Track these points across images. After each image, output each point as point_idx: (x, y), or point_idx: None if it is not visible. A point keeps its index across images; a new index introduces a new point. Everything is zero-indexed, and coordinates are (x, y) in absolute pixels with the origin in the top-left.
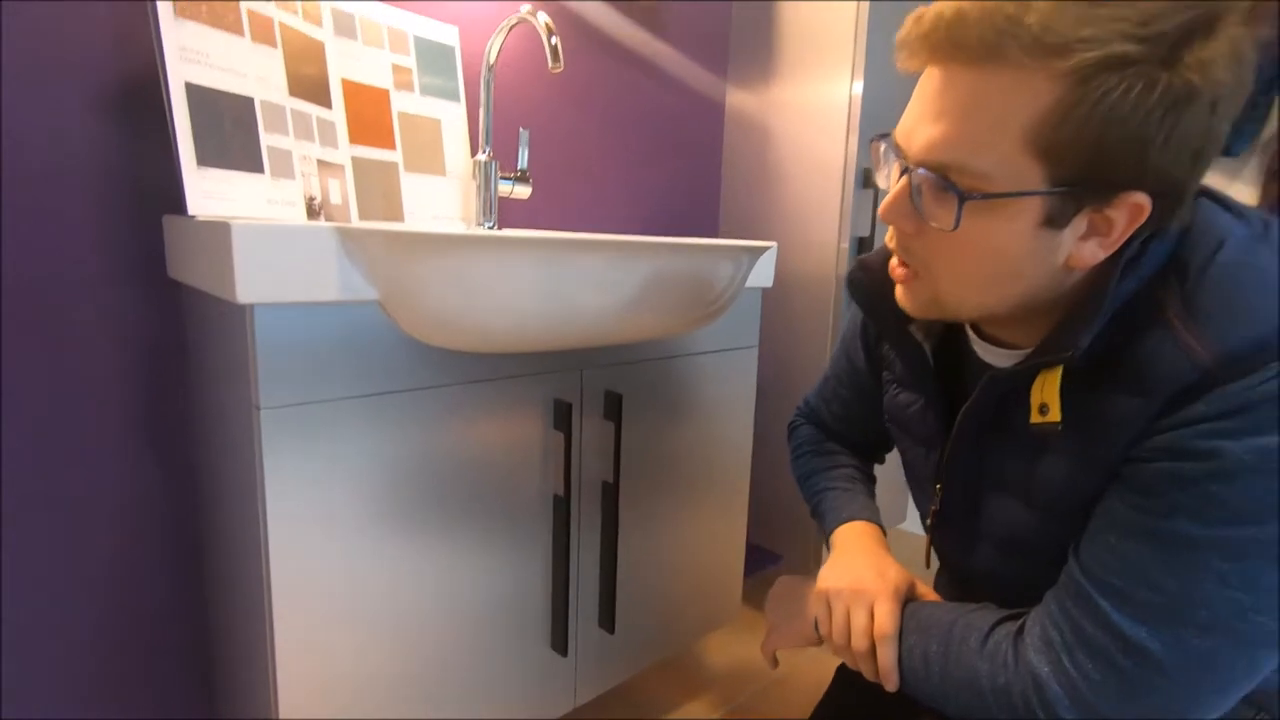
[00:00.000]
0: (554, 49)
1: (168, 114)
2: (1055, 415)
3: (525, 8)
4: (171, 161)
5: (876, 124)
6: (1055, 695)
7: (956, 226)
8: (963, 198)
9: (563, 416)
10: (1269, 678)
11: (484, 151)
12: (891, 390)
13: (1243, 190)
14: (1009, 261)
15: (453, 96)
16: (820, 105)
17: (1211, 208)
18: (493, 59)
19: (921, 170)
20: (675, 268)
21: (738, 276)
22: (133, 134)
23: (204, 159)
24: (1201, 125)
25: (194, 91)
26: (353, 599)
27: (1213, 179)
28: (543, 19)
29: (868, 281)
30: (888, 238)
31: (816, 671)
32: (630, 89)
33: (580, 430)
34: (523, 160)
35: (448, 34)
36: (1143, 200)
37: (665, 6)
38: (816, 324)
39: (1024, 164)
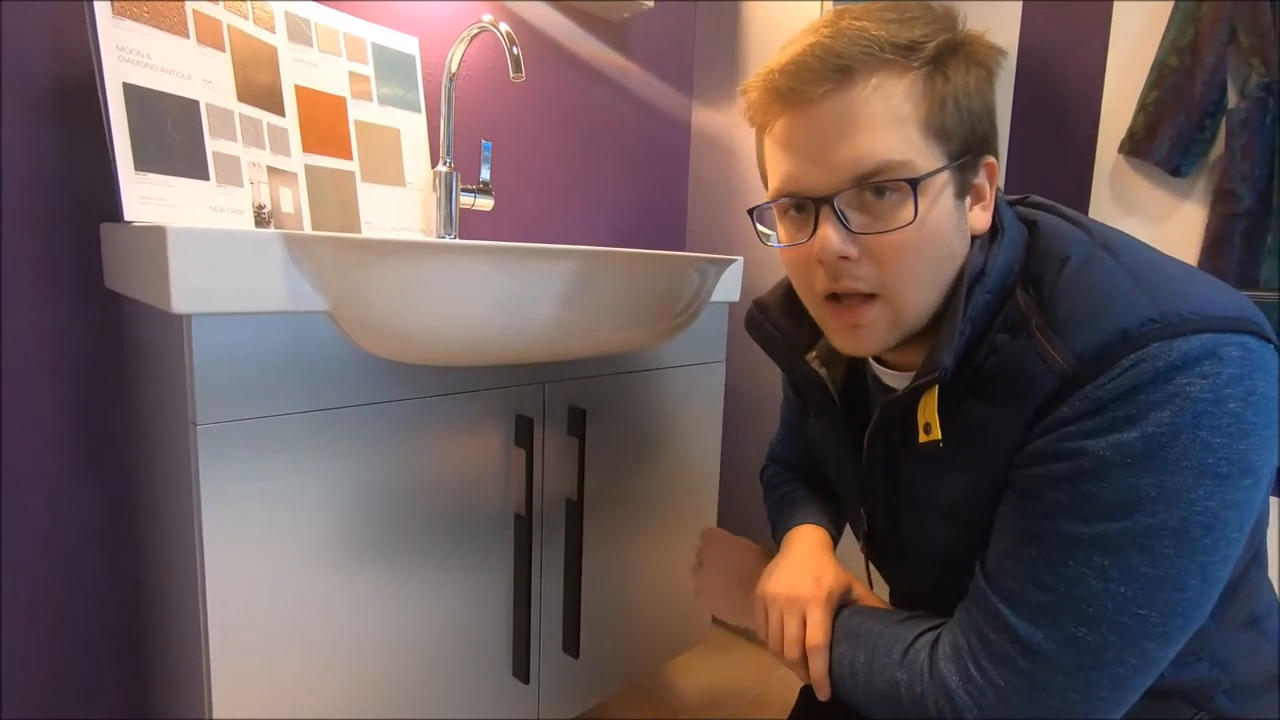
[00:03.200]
0: (515, 59)
1: (104, 116)
2: (936, 434)
3: (487, 17)
4: (110, 166)
5: None
6: (963, 703)
7: (917, 214)
8: (914, 183)
9: (524, 432)
10: (1208, 675)
11: (445, 163)
12: (809, 420)
13: (1192, 210)
14: (946, 239)
15: (413, 106)
16: None
17: (1055, 222)
18: (454, 69)
19: (853, 190)
20: (640, 279)
21: (704, 289)
22: (69, 138)
23: (143, 163)
24: (992, 95)
25: (132, 92)
26: (298, 627)
27: (1162, 199)
28: (504, 28)
29: (763, 320)
30: (817, 278)
31: (790, 697)
32: (596, 104)
33: (542, 446)
34: (485, 172)
35: (407, 43)
36: (994, 162)
37: (630, 23)
38: None
39: (928, 148)
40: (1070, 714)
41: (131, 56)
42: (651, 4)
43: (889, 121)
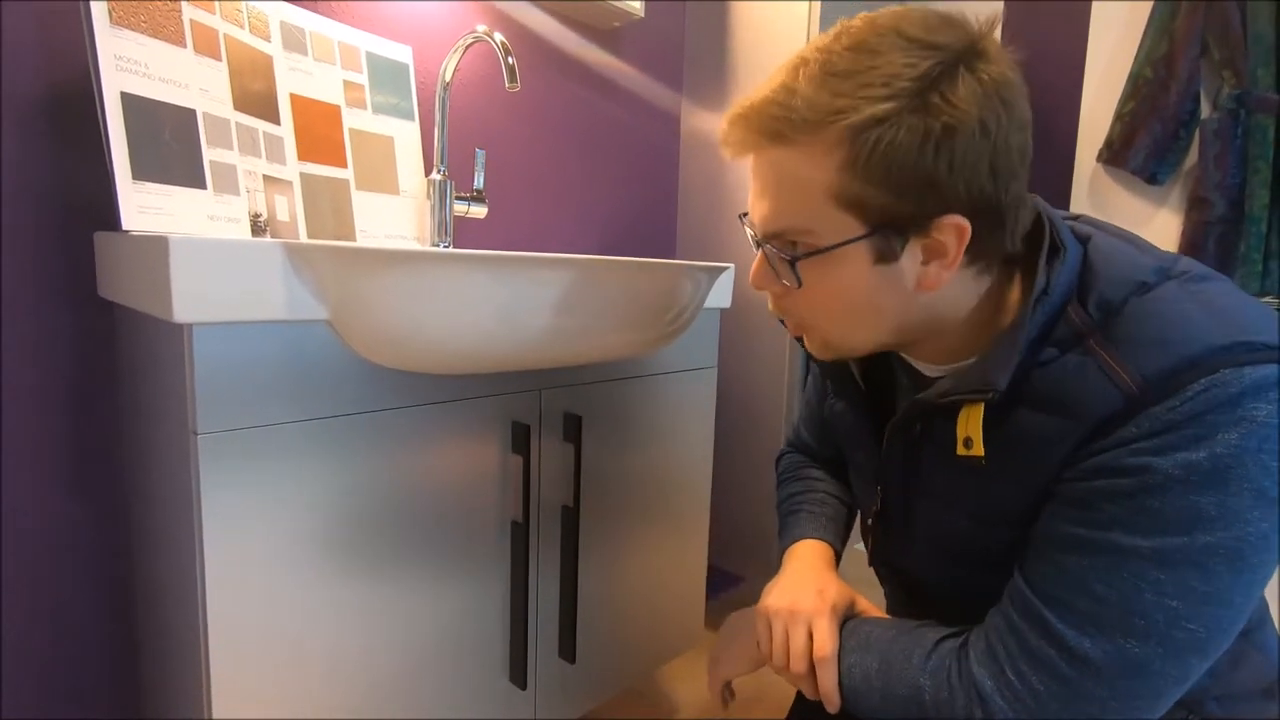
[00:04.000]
0: (510, 68)
1: (101, 125)
2: (979, 450)
3: (481, 27)
4: (104, 175)
5: None
6: (998, 708)
7: (800, 285)
8: (792, 259)
9: (521, 439)
10: (1200, 682)
11: (439, 171)
12: (830, 400)
13: (1168, 217)
14: (862, 299)
15: (407, 115)
16: None
17: (1125, 249)
18: (448, 78)
19: (764, 243)
20: (634, 287)
21: (696, 296)
22: (62, 146)
23: (140, 172)
24: (978, 149)
25: (130, 101)
26: (298, 635)
27: (1139, 207)
28: (499, 38)
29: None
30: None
31: (782, 700)
32: (588, 110)
33: (539, 453)
34: (479, 180)
35: (401, 52)
36: (960, 221)
37: (621, 31)
38: (774, 344)
39: (838, 218)
40: None
41: (129, 66)
42: (642, 13)
43: (800, 189)
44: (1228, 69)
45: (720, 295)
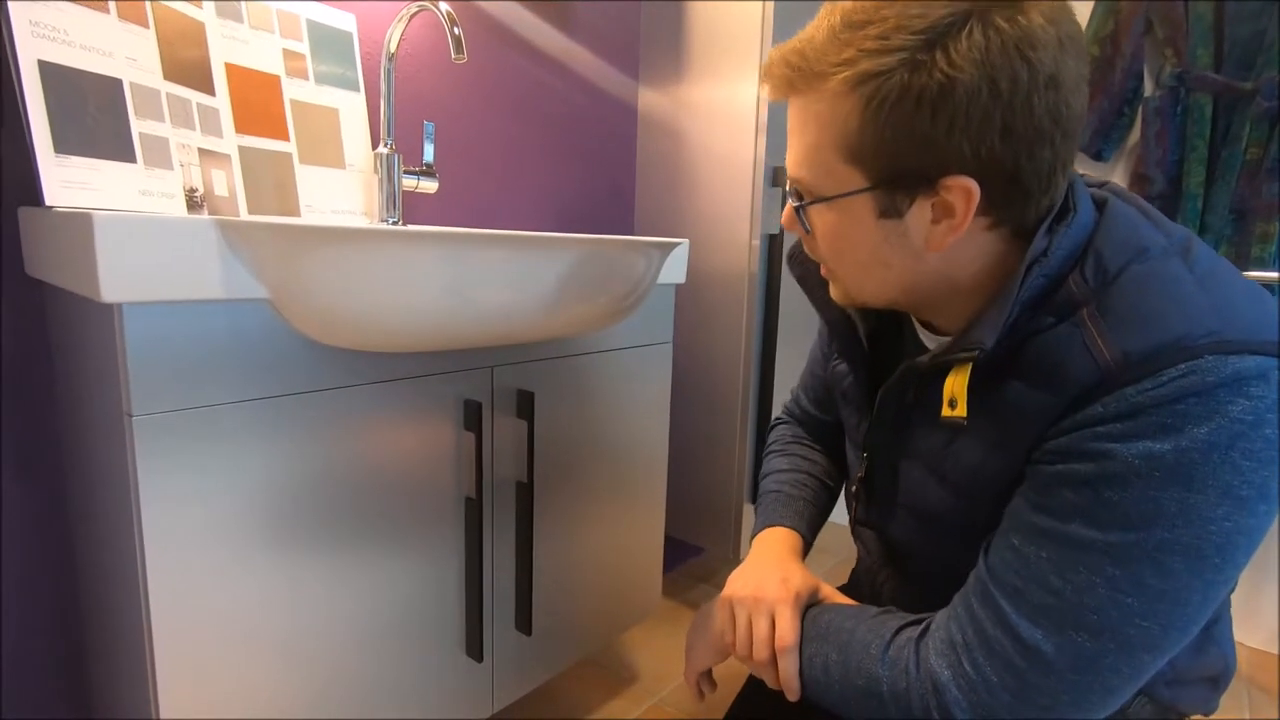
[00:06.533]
0: (457, 39)
1: (18, 95)
2: (962, 410)
3: None
4: (27, 149)
5: (784, 124)
6: (953, 699)
7: (808, 231)
8: (799, 206)
9: (473, 416)
10: (1159, 670)
11: (386, 144)
12: (833, 361)
13: None
14: (867, 253)
15: (351, 86)
16: (729, 106)
17: (1135, 217)
18: (393, 48)
19: (788, 187)
20: (586, 263)
21: (649, 272)
22: None
23: (63, 145)
24: (984, 109)
25: (49, 70)
26: (247, 619)
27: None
28: (444, 8)
29: (803, 258)
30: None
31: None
32: (541, 87)
33: (491, 430)
34: (428, 154)
35: (344, 20)
36: (968, 183)
37: (575, 5)
38: (730, 320)
39: (843, 170)
40: (1055, 715)
41: (47, 32)
42: None
43: (815, 140)
44: (1169, 47)
45: (675, 271)
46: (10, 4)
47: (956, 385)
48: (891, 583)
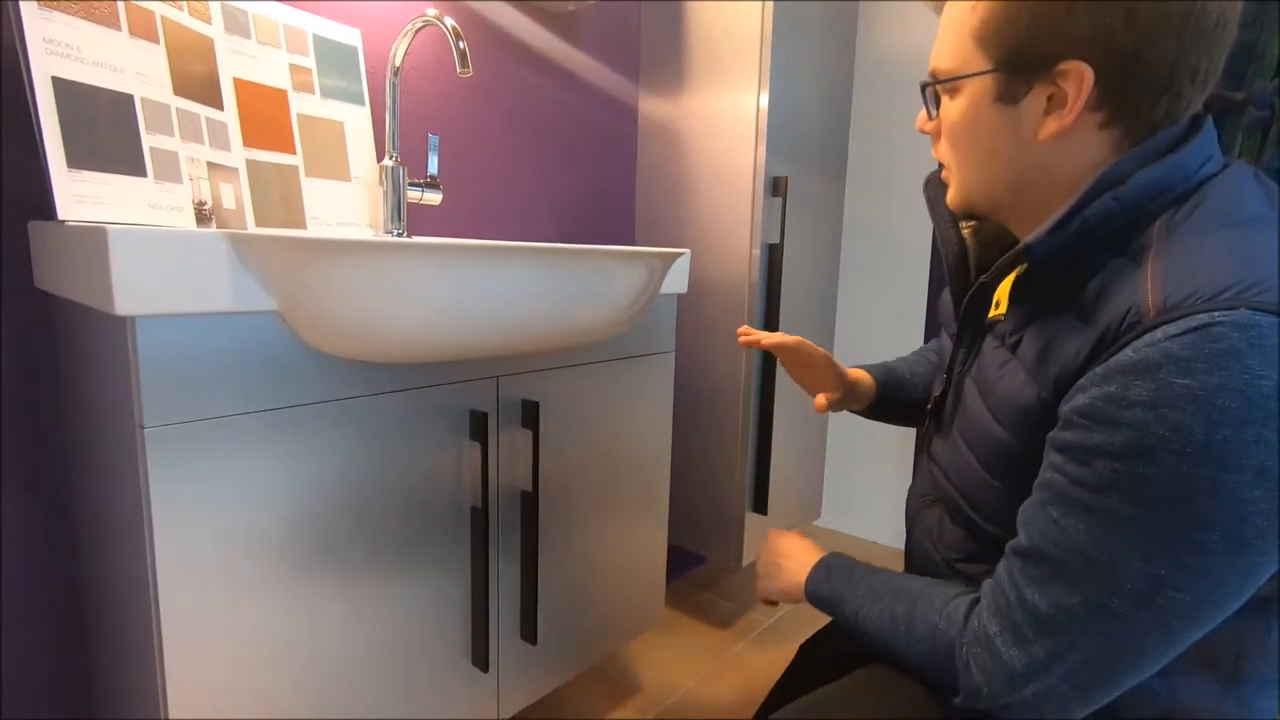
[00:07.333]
0: (462, 53)
1: (32, 111)
2: (1003, 309)
3: (432, 11)
4: (38, 163)
5: (784, 133)
6: (1000, 654)
7: (933, 116)
8: (924, 86)
9: (478, 426)
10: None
11: (391, 156)
12: (943, 292)
13: None
14: (982, 138)
15: (356, 100)
16: (730, 114)
17: (1255, 188)
18: (398, 62)
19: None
20: (590, 274)
21: (652, 282)
22: None
23: (76, 160)
24: None
25: (62, 87)
26: (256, 629)
27: None
28: (449, 23)
29: (935, 181)
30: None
31: (743, 674)
32: (544, 96)
33: (497, 440)
34: (432, 166)
35: (349, 35)
36: (1083, 68)
37: (577, 14)
38: (731, 328)
39: (973, 54)
40: (1087, 681)
41: (60, 49)
42: None
43: (955, 29)
44: None
45: (677, 281)
46: (26, 22)
47: (1002, 287)
48: (934, 514)
